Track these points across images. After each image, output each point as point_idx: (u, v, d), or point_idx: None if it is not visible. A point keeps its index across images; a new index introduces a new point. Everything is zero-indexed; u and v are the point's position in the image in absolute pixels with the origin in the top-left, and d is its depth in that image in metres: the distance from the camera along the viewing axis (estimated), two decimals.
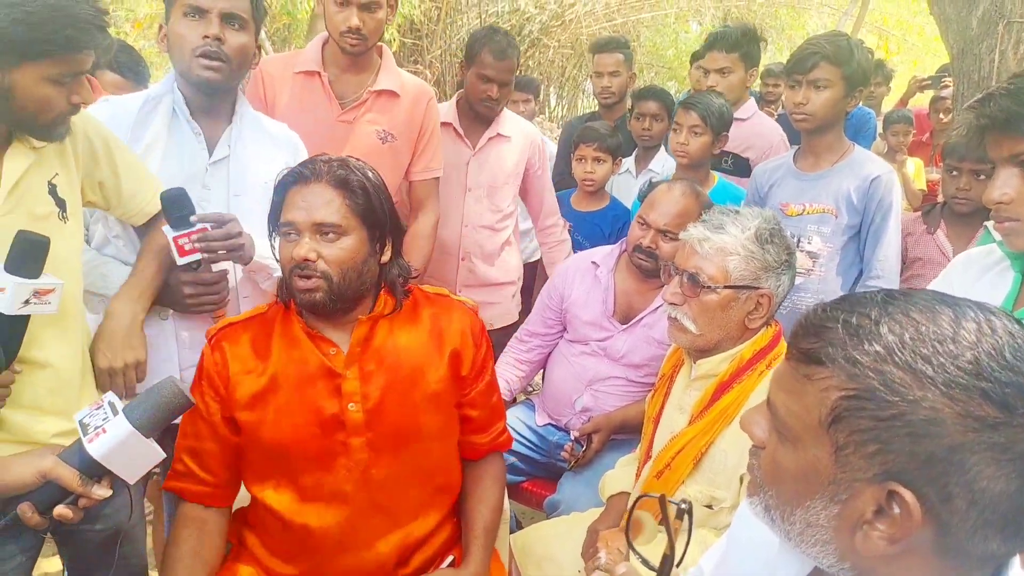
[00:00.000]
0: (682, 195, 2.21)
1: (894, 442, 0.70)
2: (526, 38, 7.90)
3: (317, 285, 1.47)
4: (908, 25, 10.15)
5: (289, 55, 2.58)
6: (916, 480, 0.70)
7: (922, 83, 5.72)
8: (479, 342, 1.69)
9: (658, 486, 1.73)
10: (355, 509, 1.58)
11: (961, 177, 2.53)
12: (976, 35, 2.94)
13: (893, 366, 0.71)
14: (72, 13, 1.32)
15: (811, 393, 0.76)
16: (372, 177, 1.55)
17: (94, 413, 1.15)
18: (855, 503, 0.74)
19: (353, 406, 1.54)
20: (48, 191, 1.48)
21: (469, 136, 2.82)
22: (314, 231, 1.48)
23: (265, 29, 6.76)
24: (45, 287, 1.35)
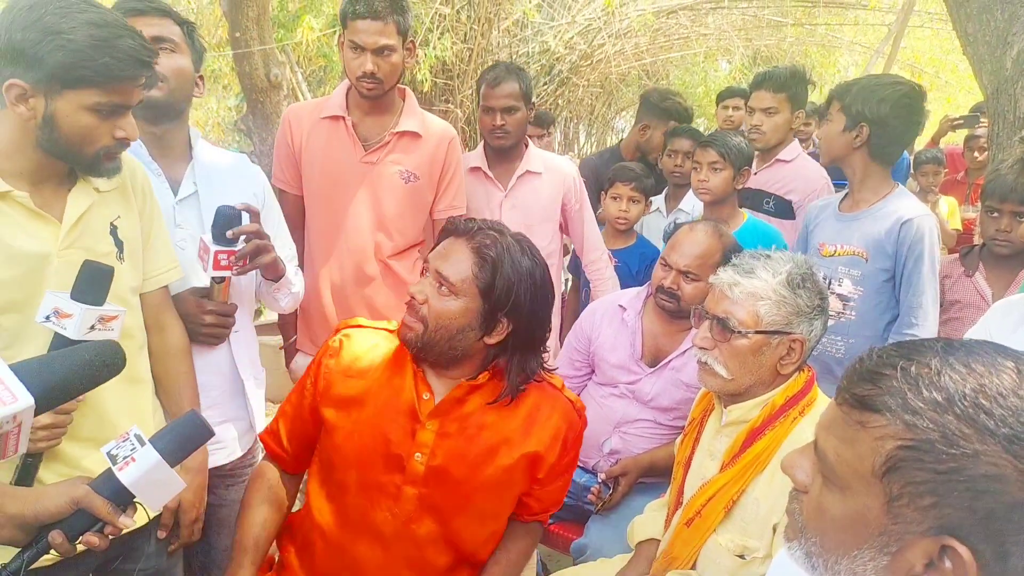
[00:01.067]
0: (704, 236, 2.21)
1: (951, 496, 0.69)
2: (556, 77, 7.99)
3: (412, 325, 1.53)
4: (941, 63, 10.10)
5: (316, 102, 2.66)
6: (972, 536, 0.68)
7: (954, 122, 5.67)
8: (568, 448, 1.65)
9: (688, 534, 1.70)
10: (388, 554, 1.60)
11: (1002, 219, 2.49)
12: (1011, 75, 2.91)
13: (953, 417, 0.69)
14: (113, 44, 1.36)
15: (865, 441, 0.74)
16: (526, 265, 1.52)
17: (121, 445, 1.17)
18: (905, 555, 0.72)
19: (419, 456, 1.57)
20: (109, 231, 1.54)
21: (499, 178, 2.85)
22: (435, 277, 1.53)
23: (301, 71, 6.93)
24: (109, 314, 1.42)
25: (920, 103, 2.30)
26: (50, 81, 1.34)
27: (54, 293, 1.38)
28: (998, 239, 2.50)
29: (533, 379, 1.63)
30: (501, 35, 7.67)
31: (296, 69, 6.59)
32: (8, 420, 1.01)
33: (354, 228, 2.49)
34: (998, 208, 2.49)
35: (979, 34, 3.05)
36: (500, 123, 2.73)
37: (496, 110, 2.73)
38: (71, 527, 1.15)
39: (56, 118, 1.37)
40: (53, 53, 1.32)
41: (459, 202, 2.65)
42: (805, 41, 9.72)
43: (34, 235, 1.43)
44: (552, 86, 8.01)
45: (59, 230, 1.45)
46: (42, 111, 1.37)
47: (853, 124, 2.29)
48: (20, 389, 1.03)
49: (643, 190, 3.09)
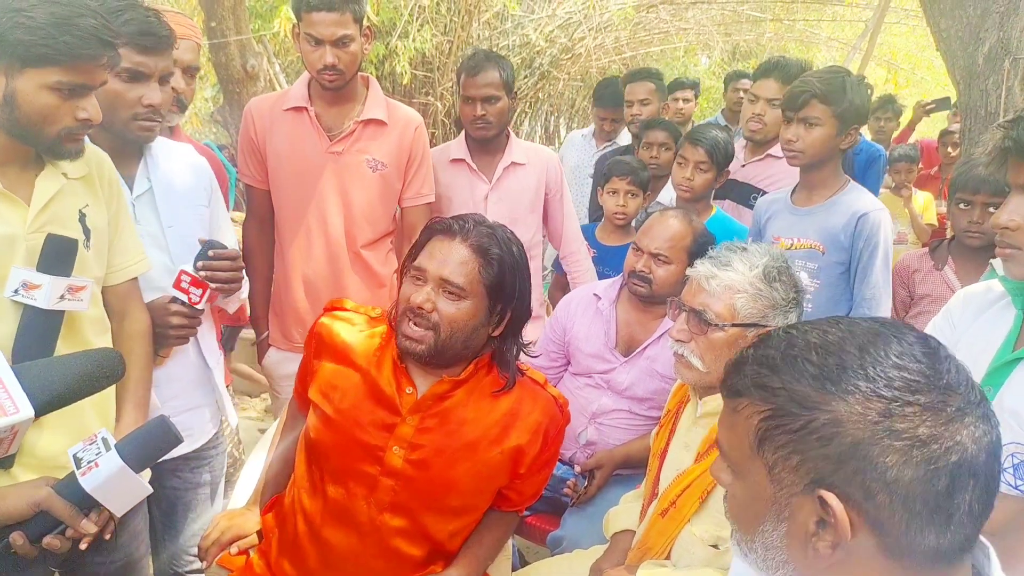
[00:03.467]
0: (675, 221, 2.24)
1: (810, 450, 0.78)
2: (536, 71, 7.98)
3: (423, 337, 1.51)
4: (917, 59, 10.20)
5: (278, 94, 2.64)
6: (837, 482, 0.77)
7: (926, 107, 5.74)
8: (550, 442, 1.67)
9: (663, 524, 1.71)
10: (362, 543, 1.60)
11: (974, 210, 2.50)
12: (982, 71, 2.95)
13: (795, 382, 0.79)
14: (74, 23, 1.33)
15: (740, 423, 0.84)
16: (515, 253, 1.57)
17: (87, 448, 1.17)
18: (797, 518, 0.80)
19: (397, 450, 1.57)
20: (79, 218, 1.52)
21: (484, 170, 2.81)
22: (438, 284, 1.51)
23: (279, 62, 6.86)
24: (78, 284, 1.41)
25: None
26: (10, 59, 1.32)
27: (19, 268, 1.36)
28: (971, 231, 2.52)
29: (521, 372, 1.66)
30: (481, 27, 7.64)
31: (273, 60, 6.52)
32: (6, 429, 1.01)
33: (324, 220, 2.47)
34: (970, 200, 2.51)
35: (951, 30, 3.08)
36: (481, 113, 2.69)
37: (477, 100, 2.69)
38: (33, 529, 1.15)
39: (16, 97, 1.35)
40: (12, 31, 1.30)
41: (427, 190, 2.63)
42: (784, 37, 9.77)
43: (1, 218, 1.40)
44: (532, 79, 7.99)
45: (27, 213, 1.43)
46: (1, 90, 1.34)
47: (845, 128, 2.30)
48: (23, 400, 1.04)
49: (640, 183, 3.07)
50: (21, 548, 1.13)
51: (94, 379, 1.18)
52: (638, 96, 3.88)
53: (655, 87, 3.90)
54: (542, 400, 1.66)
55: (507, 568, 1.91)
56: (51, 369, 1.15)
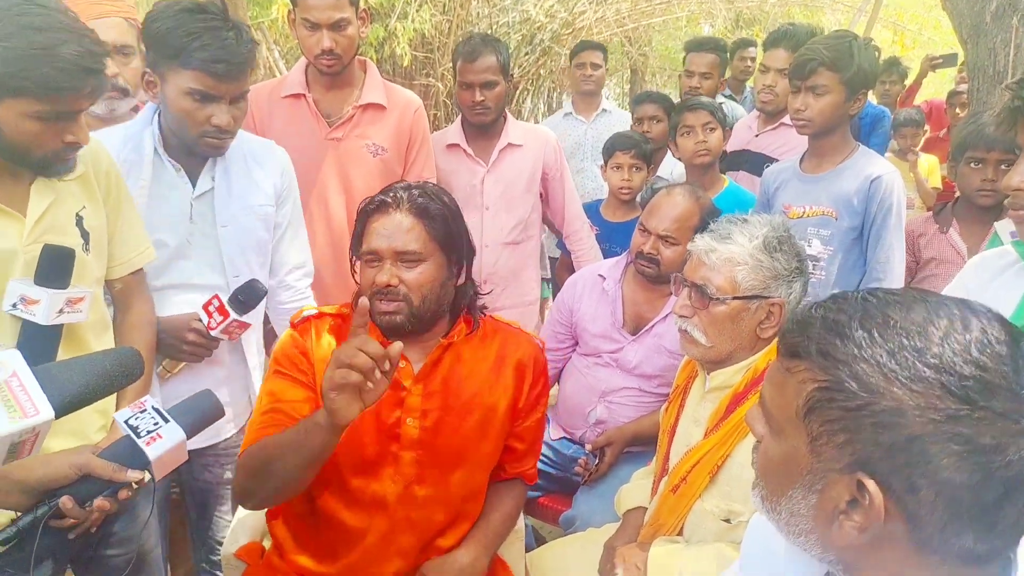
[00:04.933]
0: (682, 200, 2.21)
1: (861, 432, 0.74)
2: (537, 47, 7.90)
3: (398, 308, 1.54)
4: (924, 20, 10.02)
5: (274, 82, 2.62)
6: (882, 470, 0.73)
7: (933, 61, 5.64)
8: (538, 378, 1.74)
9: (674, 501, 1.70)
10: (391, 520, 1.62)
11: (987, 168, 2.46)
12: (990, 29, 2.89)
13: (861, 360, 0.74)
14: (55, 53, 1.28)
15: (791, 385, 0.81)
16: (449, 203, 1.61)
17: (140, 416, 1.19)
18: (830, 493, 0.77)
19: (411, 421, 1.60)
20: (75, 223, 1.51)
21: (480, 154, 2.80)
22: (395, 258, 1.54)
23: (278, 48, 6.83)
24: (76, 296, 1.41)
25: None
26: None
27: (17, 281, 1.36)
28: (984, 189, 2.48)
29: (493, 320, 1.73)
30: (480, 5, 7.57)
31: (273, 47, 6.49)
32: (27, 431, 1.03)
33: (325, 207, 2.47)
34: (983, 158, 2.46)
35: None
36: (480, 99, 2.67)
37: (475, 85, 2.67)
38: (79, 492, 1.18)
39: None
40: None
41: (428, 173, 2.62)
42: (788, 2, 9.62)
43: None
44: (534, 56, 7.92)
45: (23, 225, 1.41)
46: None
47: (853, 94, 2.26)
48: (43, 402, 1.05)
49: (644, 157, 3.04)
50: (72, 511, 1.16)
51: (113, 378, 1.18)
52: (700, 68, 3.71)
53: (718, 60, 3.76)
54: (523, 340, 1.74)
55: (520, 548, 1.91)
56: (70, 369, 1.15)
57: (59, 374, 1.10)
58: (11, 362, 1.05)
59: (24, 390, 1.04)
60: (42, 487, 1.17)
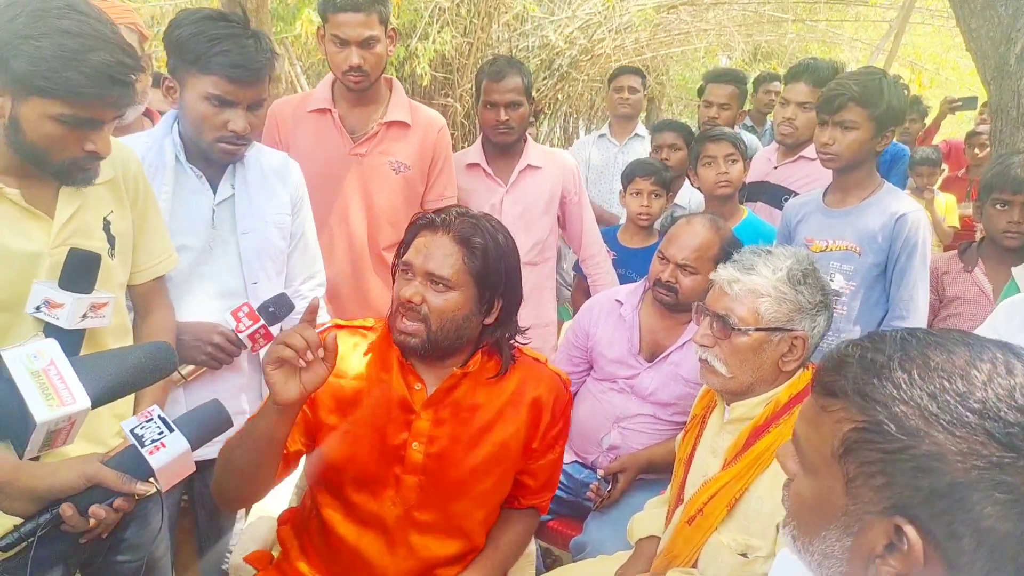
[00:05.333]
0: (702, 229, 2.20)
1: (899, 476, 0.72)
2: (555, 72, 7.97)
3: (416, 330, 1.52)
4: (941, 60, 10.07)
5: (300, 96, 2.64)
6: (921, 515, 0.71)
7: (952, 103, 5.66)
8: (558, 418, 1.70)
9: (690, 532, 1.68)
10: (392, 542, 1.61)
11: (1014, 210, 2.46)
12: (1014, 71, 2.90)
13: (901, 402, 0.73)
14: (83, 58, 1.28)
15: (827, 424, 0.79)
16: (501, 241, 1.58)
17: (146, 425, 1.18)
18: (866, 536, 0.76)
19: (417, 445, 1.59)
20: (103, 227, 1.51)
21: (499, 174, 2.81)
22: (425, 278, 1.52)
23: (300, 64, 6.90)
24: (100, 301, 1.41)
25: None
26: (15, 85, 1.29)
27: (42, 283, 1.36)
28: (1010, 231, 2.48)
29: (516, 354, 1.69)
30: (501, 29, 7.64)
31: (295, 63, 6.56)
32: (64, 419, 1.02)
33: (346, 222, 2.48)
34: (1009, 200, 2.46)
35: (982, 30, 3.03)
36: (504, 119, 2.68)
37: (500, 105, 2.68)
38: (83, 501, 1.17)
39: (20, 122, 1.31)
40: (17, 58, 1.26)
41: (450, 192, 2.63)
42: (806, 37, 9.69)
43: (26, 234, 1.39)
44: (552, 80, 7.98)
45: (51, 227, 1.42)
46: (8, 112, 1.31)
47: (881, 131, 2.26)
48: (80, 392, 1.06)
49: (663, 184, 3.05)
50: (71, 519, 1.15)
51: (146, 372, 1.19)
52: (719, 99, 3.71)
53: (737, 92, 3.76)
54: (546, 377, 1.70)
55: (531, 573, 1.89)
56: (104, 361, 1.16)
57: (94, 365, 1.11)
58: (48, 351, 1.06)
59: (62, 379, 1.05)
60: (51, 496, 1.16)
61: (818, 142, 2.32)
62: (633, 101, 4.04)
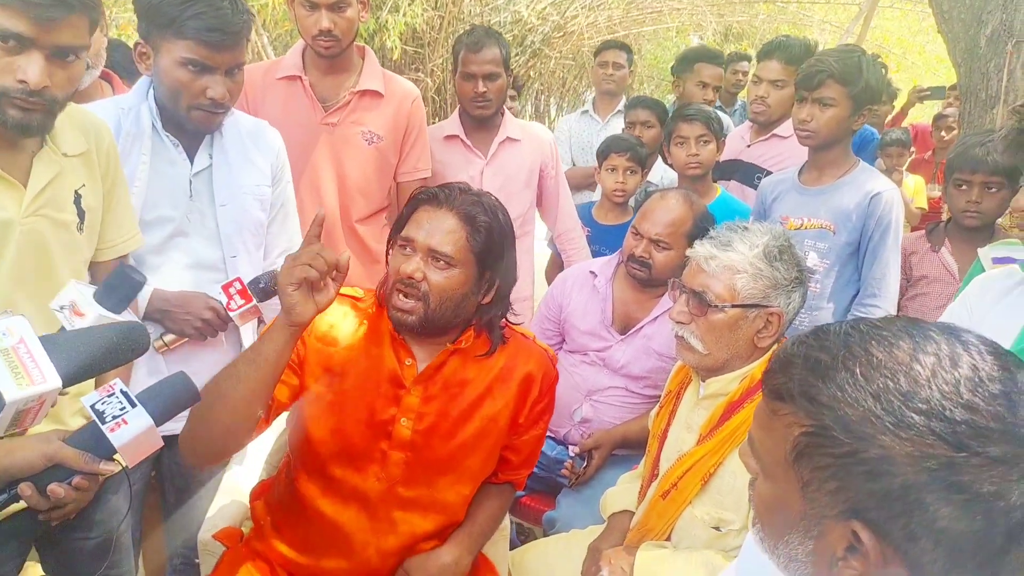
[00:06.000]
0: (675, 204, 2.20)
1: (851, 480, 0.71)
2: (528, 48, 7.91)
3: (413, 308, 1.49)
4: (908, 44, 10.20)
5: (269, 63, 2.57)
6: (877, 519, 0.70)
7: (921, 93, 5.73)
8: (545, 393, 1.70)
9: (664, 506, 1.69)
10: (372, 518, 1.59)
11: (972, 190, 2.49)
12: (984, 53, 2.94)
13: (846, 404, 0.71)
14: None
15: (778, 428, 0.78)
16: (501, 219, 1.56)
17: (107, 400, 1.14)
18: (826, 539, 0.75)
19: (405, 421, 1.56)
20: (73, 200, 1.46)
21: (478, 146, 2.77)
22: (427, 254, 1.49)
23: (267, 35, 6.74)
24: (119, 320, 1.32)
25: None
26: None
27: (78, 284, 1.30)
28: (969, 210, 2.51)
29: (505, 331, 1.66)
30: (473, 3, 7.56)
31: (262, 32, 6.41)
32: (34, 398, 1.00)
33: (318, 193, 2.42)
34: (968, 180, 2.49)
35: (954, 12, 3.06)
36: (482, 90, 2.64)
37: (477, 77, 2.63)
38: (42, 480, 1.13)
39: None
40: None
41: (424, 164, 2.58)
42: (776, 19, 9.74)
43: None
44: (524, 57, 7.93)
45: (23, 196, 1.37)
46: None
47: (858, 109, 2.27)
48: (51, 370, 1.02)
49: (639, 160, 3.03)
50: (30, 499, 1.12)
51: (120, 351, 1.15)
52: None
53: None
54: (535, 353, 1.69)
55: (505, 547, 1.89)
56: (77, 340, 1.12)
57: (65, 344, 1.07)
58: (18, 328, 1.02)
59: (32, 357, 1.01)
60: (8, 475, 1.12)
61: (796, 118, 2.33)
62: (618, 77, 3.99)
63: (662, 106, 3.56)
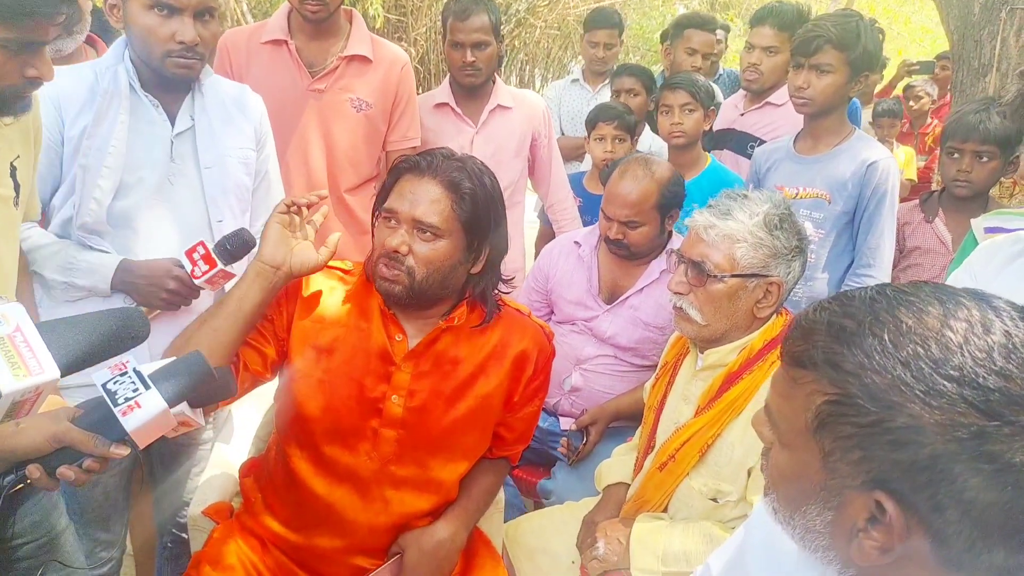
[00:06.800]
0: (635, 183, 2.15)
1: (876, 449, 0.69)
2: (512, 17, 7.80)
3: (397, 277, 1.45)
4: (895, 14, 10.16)
5: (254, 26, 2.50)
6: (902, 489, 0.68)
7: (911, 67, 5.73)
8: (540, 371, 1.65)
9: (661, 477, 1.68)
10: (365, 496, 1.56)
11: (963, 159, 2.46)
12: (978, 21, 2.91)
13: (873, 372, 0.69)
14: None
15: (798, 397, 0.75)
16: (488, 185, 1.51)
17: (120, 380, 1.08)
18: (847, 510, 0.73)
19: (396, 398, 1.53)
20: (9, 173, 1.39)
21: (469, 115, 2.71)
22: (412, 225, 1.45)
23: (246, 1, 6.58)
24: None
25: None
26: None
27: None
28: (959, 179, 2.49)
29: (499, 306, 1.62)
30: None
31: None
32: (31, 390, 0.96)
33: (305, 162, 2.37)
34: (959, 148, 2.47)
35: None
36: (471, 59, 2.57)
37: (466, 45, 2.56)
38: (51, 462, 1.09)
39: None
40: None
41: (413, 132, 2.53)
42: None
43: None
44: (509, 26, 7.81)
45: None
46: None
47: (856, 74, 2.23)
48: (48, 361, 0.98)
49: (627, 127, 2.98)
50: (39, 480, 1.07)
51: (119, 339, 1.10)
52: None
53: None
54: (530, 329, 1.65)
55: (500, 520, 1.87)
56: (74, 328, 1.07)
57: (63, 332, 1.02)
58: (14, 316, 0.97)
59: (29, 346, 0.96)
60: (14, 457, 1.07)
61: (792, 85, 2.29)
62: (608, 58, 3.83)
63: (648, 73, 3.51)
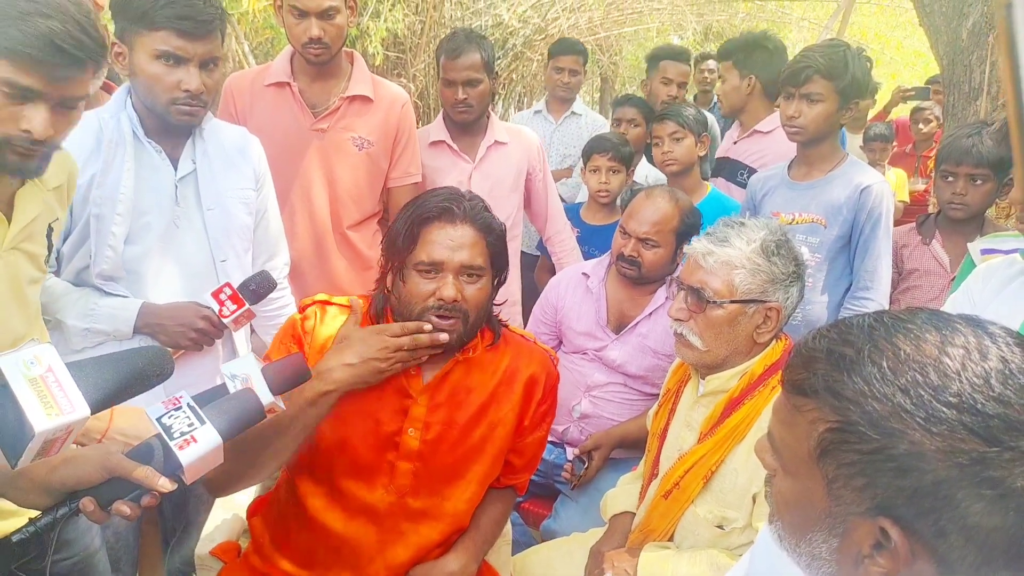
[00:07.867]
0: (661, 202, 2.21)
1: (880, 476, 0.70)
2: (509, 51, 7.90)
3: (453, 326, 1.48)
4: (886, 40, 10.28)
5: (258, 69, 2.55)
6: (906, 515, 0.69)
7: (905, 93, 5.79)
8: (547, 395, 1.68)
9: (666, 506, 1.68)
10: (380, 530, 1.57)
11: (957, 182, 2.49)
12: (966, 46, 2.96)
13: (873, 399, 0.70)
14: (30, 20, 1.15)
15: (801, 425, 0.76)
16: (498, 219, 1.57)
17: (175, 414, 1.11)
18: (852, 537, 0.73)
19: (413, 431, 1.54)
20: (46, 233, 1.44)
21: (465, 150, 2.75)
22: (459, 272, 1.47)
23: (248, 43, 6.69)
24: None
25: None
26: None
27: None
28: (954, 202, 2.51)
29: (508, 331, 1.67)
30: (454, 7, 7.54)
31: (243, 40, 6.36)
32: (62, 428, 0.97)
33: (308, 199, 2.41)
34: (953, 172, 2.50)
35: (935, 5, 3.08)
36: (463, 97, 2.62)
37: (457, 83, 2.62)
38: (103, 494, 1.10)
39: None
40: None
41: (414, 169, 2.57)
42: (756, 17, 9.78)
43: None
44: (506, 60, 7.91)
45: (7, 230, 1.34)
46: None
47: (846, 102, 2.28)
48: (79, 399, 1.00)
49: (622, 159, 3.03)
50: (92, 514, 1.09)
51: (145, 377, 1.12)
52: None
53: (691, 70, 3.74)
54: (537, 354, 1.68)
55: (507, 552, 1.87)
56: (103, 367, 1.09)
57: (92, 371, 1.04)
58: (46, 357, 0.99)
59: (60, 386, 0.98)
60: (65, 488, 1.09)
61: (784, 115, 2.33)
62: (574, 84, 3.88)
63: (649, 106, 3.57)
